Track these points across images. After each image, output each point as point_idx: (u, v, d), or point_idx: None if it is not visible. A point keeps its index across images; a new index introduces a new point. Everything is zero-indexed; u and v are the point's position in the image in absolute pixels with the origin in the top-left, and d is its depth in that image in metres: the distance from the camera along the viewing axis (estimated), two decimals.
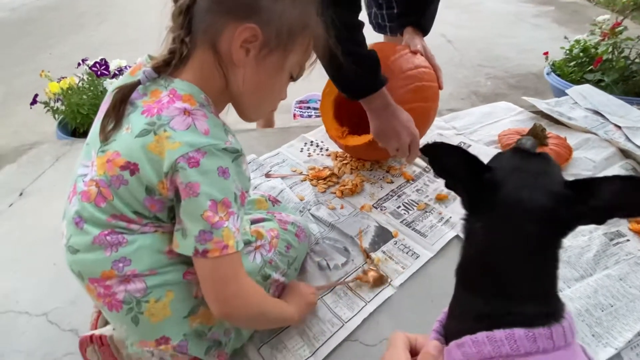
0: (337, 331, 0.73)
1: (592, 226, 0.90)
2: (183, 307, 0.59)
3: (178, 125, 0.52)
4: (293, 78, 0.63)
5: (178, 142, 0.51)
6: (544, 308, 0.38)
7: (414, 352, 0.46)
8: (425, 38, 1.08)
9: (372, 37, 1.25)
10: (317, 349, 0.70)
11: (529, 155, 0.41)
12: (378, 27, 1.34)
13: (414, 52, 1.02)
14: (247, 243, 0.67)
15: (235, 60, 0.55)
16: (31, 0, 4.54)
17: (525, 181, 0.39)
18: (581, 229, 0.90)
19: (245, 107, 0.63)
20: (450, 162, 0.41)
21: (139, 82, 0.56)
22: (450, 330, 0.43)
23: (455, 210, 0.97)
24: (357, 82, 0.88)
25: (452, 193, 1.03)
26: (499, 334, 0.36)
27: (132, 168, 0.53)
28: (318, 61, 0.66)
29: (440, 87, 1.04)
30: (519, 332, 0.36)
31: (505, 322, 0.37)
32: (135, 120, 0.54)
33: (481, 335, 0.37)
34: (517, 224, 0.38)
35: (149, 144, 0.52)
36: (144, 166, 0.53)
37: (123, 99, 0.55)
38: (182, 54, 0.54)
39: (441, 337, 0.44)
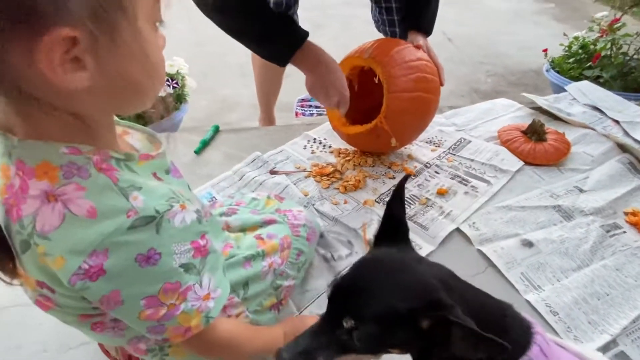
0: None
1: (589, 218, 0.93)
2: None
3: (47, 225, 0.36)
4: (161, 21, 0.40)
5: (59, 256, 0.37)
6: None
7: None
8: None
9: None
10: None
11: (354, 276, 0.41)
12: (381, 31, 1.37)
13: (417, 47, 1.05)
14: (257, 257, 0.67)
15: (67, 89, 0.34)
16: None
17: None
18: (579, 221, 0.92)
19: (128, 108, 0.44)
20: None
21: None
22: None
23: (456, 204, 1.00)
24: (279, 43, 0.89)
25: (453, 187, 1.05)
26: None
27: (46, 287, 0.41)
28: None
29: (441, 84, 1.07)
30: None
31: None
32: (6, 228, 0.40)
33: None
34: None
35: (37, 259, 0.38)
36: (53, 284, 0.40)
37: None
38: None
39: None
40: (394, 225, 0.45)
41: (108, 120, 0.43)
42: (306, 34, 0.91)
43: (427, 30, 1.09)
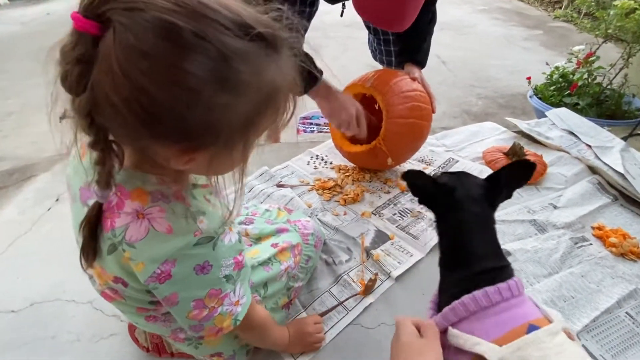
0: (342, 317, 0.86)
1: (561, 231, 1.05)
2: (233, 333, 0.67)
3: (135, 235, 0.45)
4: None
5: (141, 262, 0.46)
6: (497, 262, 0.55)
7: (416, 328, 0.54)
8: None
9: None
10: (326, 332, 0.83)
11: (455, 173, 0.65)
12: (377, 60, 1.50)
13: (413, 79, 1.18)
14: (275, 261, 0.78)
15: (181, 170, 0.46)
16: (41, 15, 4.71)
17: (464, 184, 0.60)
18: (551, 234, 1.04)
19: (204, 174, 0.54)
20: (420, 182, 0.62)
21: (99, 206, 0.47)
22: (441, 302, 0.58)
23: None
24: (302, 80, 1.05)
25: None
26: (466, 298, 0.52)
27: (121, 282, 0.52)
28: None
29: (433, 111, 1.20)
30: (481, 291, 0.51)
31: (474, 284, 0.52)
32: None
33: (456, 301, 0.53)
34: (469, 210, 0.57)
35: (121, 259, 0.48)
36: (130, 280, 0.51)
37: (92, 233, 0.48)
38: (117, 157, 0.43)
39: (435, 311, 0.59)
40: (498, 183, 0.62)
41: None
42: (321, 72, 1.07)
43: (421, 63, 1.23)
